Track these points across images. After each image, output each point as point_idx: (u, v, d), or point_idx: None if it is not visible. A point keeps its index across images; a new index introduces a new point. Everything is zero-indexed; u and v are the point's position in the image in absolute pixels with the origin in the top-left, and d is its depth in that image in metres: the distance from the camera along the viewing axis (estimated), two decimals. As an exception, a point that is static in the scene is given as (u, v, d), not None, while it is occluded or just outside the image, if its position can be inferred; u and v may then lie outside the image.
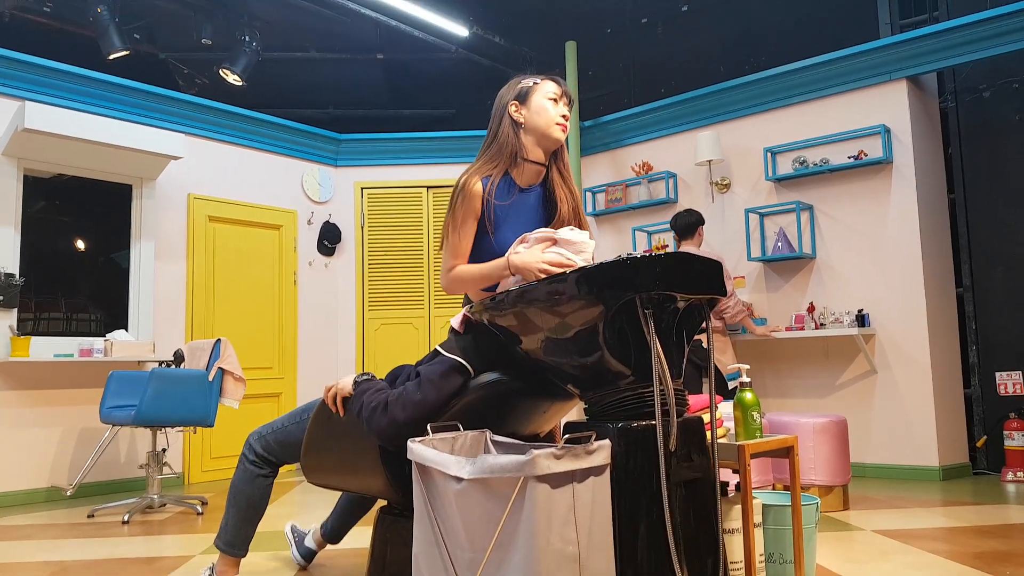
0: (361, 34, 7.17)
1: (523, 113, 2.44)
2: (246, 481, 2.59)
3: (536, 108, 2.43)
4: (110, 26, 5.88)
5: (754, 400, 2.35)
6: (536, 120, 2.43)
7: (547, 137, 2.43)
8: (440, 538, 1.77)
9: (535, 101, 2.44)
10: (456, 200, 2.40)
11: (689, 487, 1.89)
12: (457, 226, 2.39)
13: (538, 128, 2.42)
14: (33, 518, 4.49)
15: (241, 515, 2.60)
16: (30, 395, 5.11)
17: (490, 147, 2.47)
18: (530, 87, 2.46)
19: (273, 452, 2.58)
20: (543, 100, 2.43)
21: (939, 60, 5.24)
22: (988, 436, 5.39)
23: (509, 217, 2.42)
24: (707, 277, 1.89)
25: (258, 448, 2.59)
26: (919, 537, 3.45)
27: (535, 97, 2.44)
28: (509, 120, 2.45)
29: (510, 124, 2.45)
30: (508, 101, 2.47)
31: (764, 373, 5.89)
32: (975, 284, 5.50)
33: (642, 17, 7.19)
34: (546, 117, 2.42)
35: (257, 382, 6.30)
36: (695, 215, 5.22)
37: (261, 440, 2.59)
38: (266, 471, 2.60)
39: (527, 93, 2.45)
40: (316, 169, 6.93)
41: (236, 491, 2.60)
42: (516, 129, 2.44)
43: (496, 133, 2.47)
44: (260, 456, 2.59)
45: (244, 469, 2.60)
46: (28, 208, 5.27)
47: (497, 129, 2.47)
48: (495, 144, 2.46)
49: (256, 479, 2.59)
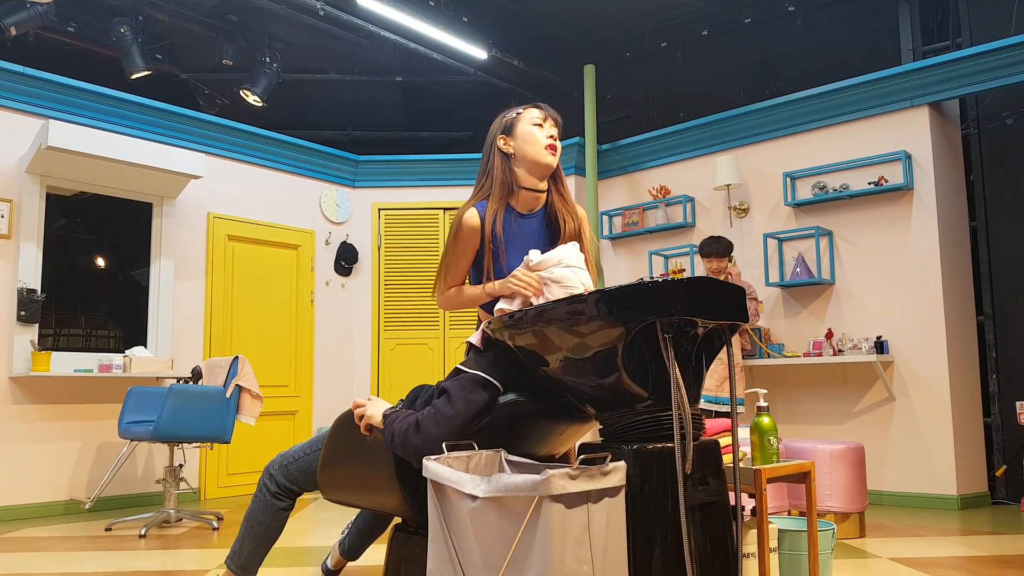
0: (380, 56, 7.25)
1: (512, 144, 2.48)
2: (265, 512, 2.56)
3: (523, 136, 2.46)
4: (133, 46, 5.98)
5: (771, 425, 2.34)
6: (525, 148, 2.46)
7: (538, 164, 2.46)
8: (455, 556, 1.77)
9: (520, 130, 2.47)
10: (454, 232, 2.47)
11: (704, 510, 1.88)
12: (455, 257, 2.48)
13: (528, 156, 2.46)
14: (52, 530, 4.51)
15: (257, 542, 2.58)
16: (50, 409, 5.15)
17: (484, 183, 2.52)
18: (514, 118, 2.50)
19: (297, 482, 2.55)
20: (528, 127, 2.47)
21: (961, 87, 5.23)
22: (1008, 465, 5.32)
23: (511, 244, 2.47)
24: (729, 303, 1.89)
25: (280, 479, 2.56)
26: (937, 566, 3.40)
27: (520, 126, 2.48)
28: (499, 154, 2.49)
29: (501, 157, 2.49)
30: (496, 135, 2.51)
31: (781, 399, 5.85)
32: (996, 312, 5.45)
33: (661, 41, 7.23)
34: (534, 144, 2.45)
35: (273, 400, 6.32)
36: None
37: (283, 471, 2.56)
38: (287, 503, 2.58)
39: (512, 124, 2.50)
40: (334, 190, 6.98)
41: (254, 521, 2.57)
42: (507, 161, 2.48)
43: (487, 168, 2.52)
44: (283, 487, 2.56)
45: (264, 501, 2.56)
46: (50, 225, 5.34)
47: (487, 164, 2.52)
48: (488, 179, 2.51)
49: (276, 511, 2.56)
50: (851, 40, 6.26)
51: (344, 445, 2.36)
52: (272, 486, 2.57)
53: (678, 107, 7.16)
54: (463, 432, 2.04)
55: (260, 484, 2.59)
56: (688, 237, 6.47)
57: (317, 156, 6.85)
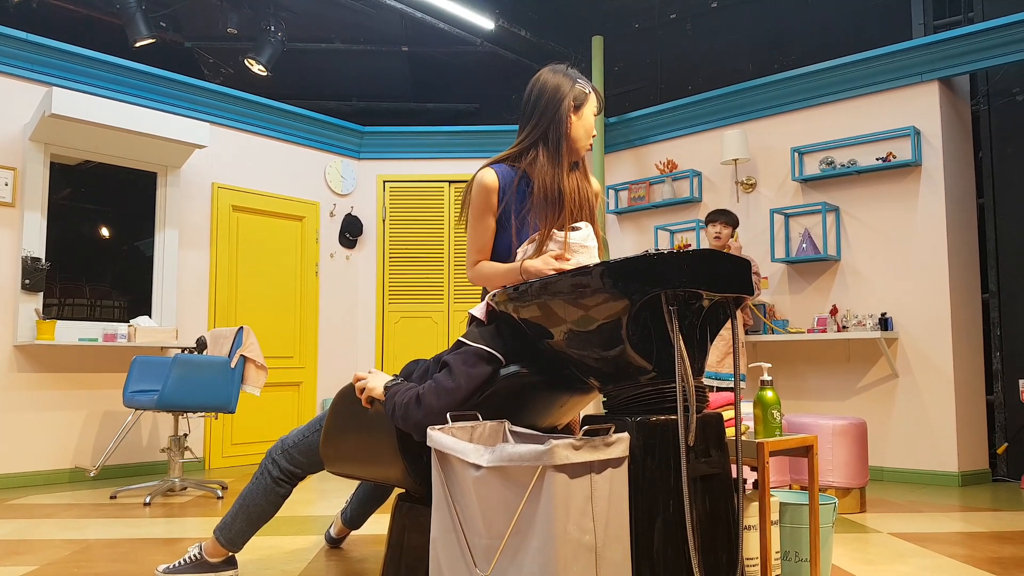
0: (386, 26, 7.19)
1: (573, 120, 2.39)
2: (264, 496, 2.56)
3: (585, 120, 2.40)
4: (137, 14, 5.93)
5: (774, 398, 2.34)
6: (579, 133, 2.39)
7: (578, 152, 2.43)
8: (458, 525, 1.78)
9: (586, 112, 2.41)
10: (469, 195, 2.39)
11: (706, 482, 1.89)
12: (475, 222, 2.37)
13: (578, 139, 2.40)
14: (57, 498, 4.55)
15: (250, 521, 2.58)
16: (55, 378, 5.18)
17: (528, 136, 2.40)
18: (585, 96, 2.39)
19: (300, 465, 2.55)
20: (590, 115, 2.42)
21: (972, 62, 5.17)
22: (1009, 443, 5.33)
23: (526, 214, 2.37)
24: (735, 276, 1.88)
25: (283, 463, 2.55)
26: (936, 541, 3.42)
27: (586, 108, 2.40)
28: (565, 116, 2.37)
29: (565, 119, 2.37)
30: (567, 97, 2.37)
31: (784, 375, 5.86)
32: (1001, 290, 5.44)
33: (671, 13, 7.15)
34: (587, 135, 2.42)
35: (278, 371, 6.35)
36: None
37: (286, 455, 2.56)
38: (287, 488, 2.58)
39: (582, 102, 2.39)
40: (339, 161, 6.96)
41: (250, 501, 2.57)
42: (567, 130, 2.39)
43: (545, 119, 2.37)
44: (286, 471, 2.55)
45: (265, 485, 2.56)
46: (54, 194, 5.33)
47: (549, 115, 2.37)
48: (535, 134, 2.38)
49: (275, 496, 2.57)
50: (862, 14, 6.18)
51: (346, 418, 2.36)
52: (275, 471, 2.56)
53: (687, 80, 7.10)
54: (464, 406, 2.03)
55: (262, 468, 2.58)
56: (695, 212, 6.44)
57: (322, 127, 6.82)
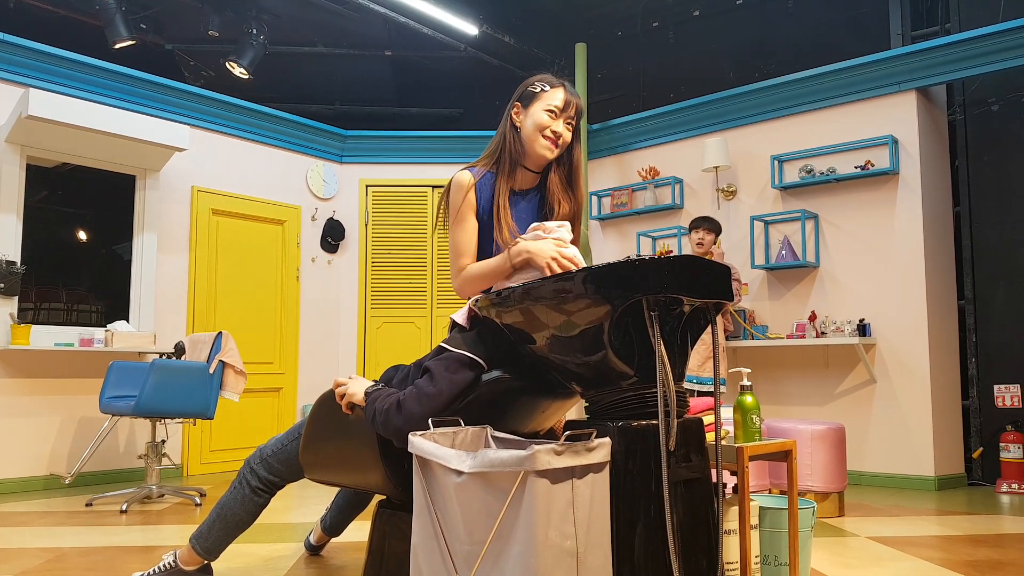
0: (370, 30, 7.18)
1: (521, 118, 2.35)
2: (242, 505, 2.51)
3: (533, 118, 2.32)
4: (116, 15, 5.88)
5: (754, 403, 2.35)
6: (528, 132, 2.32)
7: (531, 155, 2.34)
8: (439, 531, 1.78)
9: (534, 109, 2.32)
10: (448, 196, 2.36)
11: (687, 487, 1.90)
12: (458, 223, 2.31)
13: (528, 140, 2.32)
14: (31, 505, 4.49)
15: (227, 530, 2.53)
16: (30, 383, 5.11)
17: (492, 149, 2.40)
18: (536, 92, 2.34)
19: (279, 474, 2.51)
20: (541, 112, 2.31)
21: (949, 72, 5.24)
22: (984, 448, 5.39)
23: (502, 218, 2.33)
24: (715, 282, 1.89)
25: (262, 472, 2.50)
26: (913, 544, 3.44)
27: (536, 105, 2.32)
28: (509, 122, 2.36)
29: (509, 127, 2.35)
30: (513, 100, 2.37)
31: (764, 380, 5.89)
32: (977, 297, 5.50)
33: (653, 21, 7.20)
34: (536, 132, 2.31)
35: (258, 376, 6.30)
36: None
37: (264, 464, 2.50)
38: (267, 497, 2.53)
39: (531, 98, 2.34)
40: (321, 165, 6.93)
41: (228, 510, 2.51)
42: (515, 133, 2.35)
43: (499, 134, 2.39)
44: (264, 481, 2.50)
45: (243, 495, 2.50)
46: (31, 197, 5.27)
47: (501, 128, 2.39)
48: (495, 145, 2.39)
49: (253, 505, 2.51)
50: (842, 24, 6.25)
51: (326, 424, 2.35)
52: (254, 481, 2.51)
53: (669, 88, 7.14)
54: (446, 411, 2.01)
55: (240, 478, 2.53)
56: (676, 219, 6.47)
57: (304, 130, 6.80)
